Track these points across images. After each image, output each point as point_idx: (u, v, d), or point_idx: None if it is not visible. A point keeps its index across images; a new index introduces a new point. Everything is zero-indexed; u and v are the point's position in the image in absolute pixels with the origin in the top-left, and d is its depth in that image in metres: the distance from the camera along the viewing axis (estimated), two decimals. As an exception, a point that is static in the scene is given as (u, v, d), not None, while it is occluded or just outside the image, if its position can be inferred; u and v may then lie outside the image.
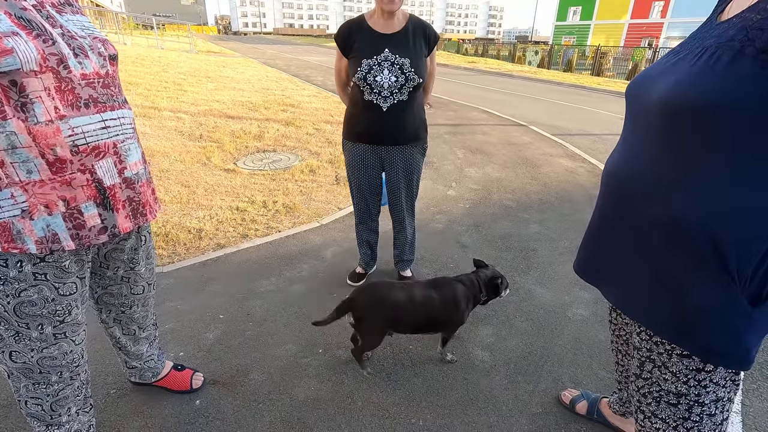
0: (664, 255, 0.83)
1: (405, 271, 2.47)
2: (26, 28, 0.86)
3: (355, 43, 1.86)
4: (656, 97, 0.82)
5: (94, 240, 1.03)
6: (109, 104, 1.02)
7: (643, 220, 0.86)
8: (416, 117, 1.99)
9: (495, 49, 28.36)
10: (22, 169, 0.89)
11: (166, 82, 8.60)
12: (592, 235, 1.07)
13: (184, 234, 2.87)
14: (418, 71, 1.85)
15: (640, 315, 0.93)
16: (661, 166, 0.82)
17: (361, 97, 1.89)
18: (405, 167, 2.08)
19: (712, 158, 0.74)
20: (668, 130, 0.80)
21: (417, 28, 1.89)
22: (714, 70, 0.72)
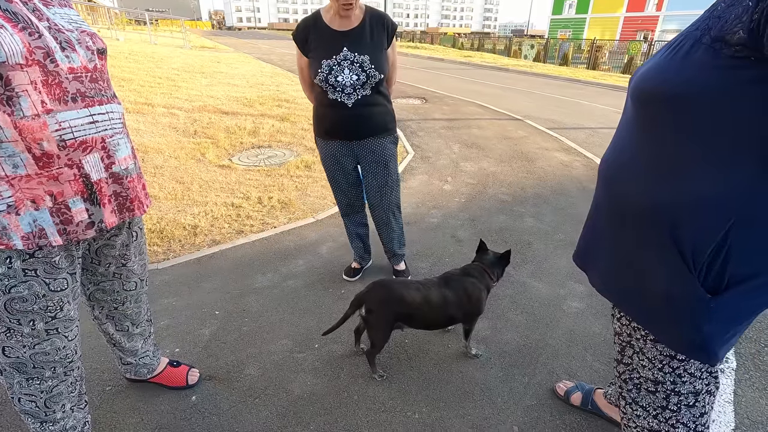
0: (634, 239, 0.85)
1: (399, 264, 2.44)
2: (11, 21, 0.85)
3: (313, 42, 1.82)
4: (632, 83, 0.83)
5: (82, 235, 1.02)
6: (98, 99, 1.00)
7: (622, 206, 0.88)
8: (383, 109, 1.96)
9: (491, 43, 28.28)
10: (8, 163, 0.88)
11: (160, 78, 8.52)
12: (587, 222, 1.08)
13: (179, 230, 2.86)
14: (379, 67, 1.82)
15: (616, 298, 0.94)
16: (635, 152, 0.84)
17: (326, 97, 1.86)
18: (378, 158, 2.04)
19: (673, 144, 0.76)
20: (640, 115, 0.82)
21: (375, 21, 1.84)
22: (675, 58, 0.74)
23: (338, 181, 2.16)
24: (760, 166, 0.68)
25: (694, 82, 0.69)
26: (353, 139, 1.98)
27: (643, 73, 0.80)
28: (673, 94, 0.72)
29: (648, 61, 0.87)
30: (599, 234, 0.98)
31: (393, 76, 2.04)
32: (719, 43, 0.67)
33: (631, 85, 0.83)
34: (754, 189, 0.69)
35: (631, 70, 16.92)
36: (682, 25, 29.31)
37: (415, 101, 8.41)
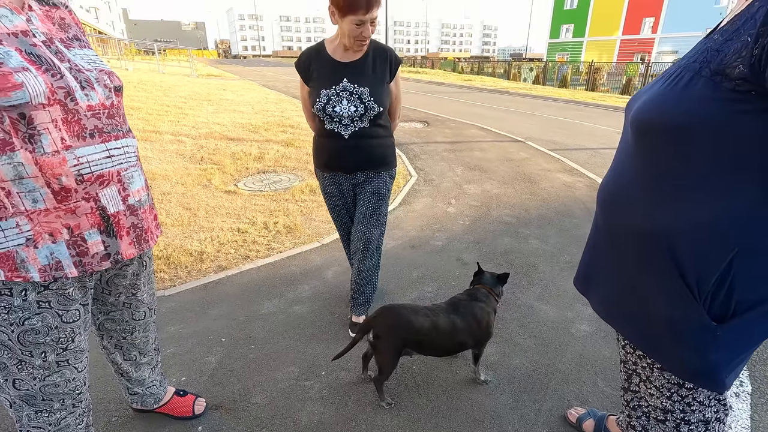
0: (636, 267, 0.85)
1: (359, 316, 2.15)
2: (36, 63, 0.89)
3: (315, 72, 1.81)
4: (632, 113, 0.85)
5: (97, 266, 1.04)
6: (114, 134, 1.04)
7: (622, 231, 0.89)
8: (381, 143, 1.92)
9: (490, 67, 28.84)
10: (28, 198, 0.91)
11: (168, 106, 8.72)
12: (587, 245, 1.09)
13: (185, 257, 2.88)
14: (378, 100, 1.79)
15: (620, 326, 0.94)
16: (634, 177, 0.85)
17: (323, 127, 1.86)
18: (372, 194, 1.98)
19: (673, 173, 0.77)
20: (640, 145, 0.84)
21: (379, 54, 1.83)
22: (674, 90, 0.76)
23: (339, 213, 2.14)
24: (760, 196, 0.69)
25: (694, 114, 0.71)
26: (350, 172, 1.96)
27: (642, 103, 0.82)
28: (673, 125, 0.74)
29: (645, 89, 0.90)
30: (600, 259, 0.99)
31: (397, 110, 2.02)
32: (719, 77, 0.69)
33: (631, 116, 0.85)
34: (755, 218, 0.70)
35: (629, 91, 17.15)
36: (677, 46, 29.89)
37: (417, 125, 8.54)
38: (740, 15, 0.71)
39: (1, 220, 0.90)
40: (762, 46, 0.62)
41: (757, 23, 0.64)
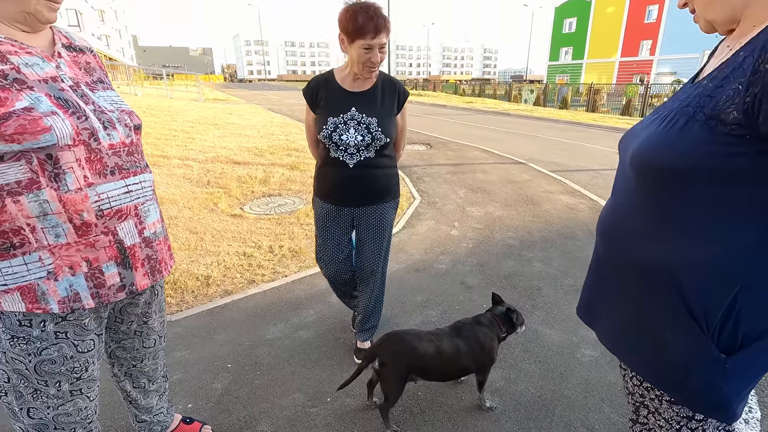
0: (641, 300, 0.87)
1: (364, 342, 2.17)
2: (63, 107, 0.95)
3: (323, 100, 1.82)
4: (630, 152, 0.90)
5: (113, 297, 1.07)
6: (132, 170, 1.10)
7: (624, 265, 0.91)
8: (386, 173, 1.93)
9: (491, 89, 29.32)
10: (51, 233, 0.96)
11: (175, 130, 8.91)
12: (589, 276, 1.11)
13: (192, 281, 2.91)
14: (386, 130, 1.81)
15: (627, 358, 0.95)
16: (637, 215, 0.88)
17: (328, 154, 1.84)
18: (376, 226, 1.97)
19: (672, 211, 0.80)
20: (640, 183, 0.87)
21: (388, 86, 1.86)
22: (671, 132, 0.79)
23: (327, 245, 2.04)
24: (758, 235, 0.72)
25: (691, 156, 0.74)
26: (353, 205, 1.93)
27: (640, 145, 0.85)
28: (671, 166, 0.77)
29: (639, 128, 0.94)
30: (604, 290, 1.01)
31: (402, 141, 2.04)
32: (714, 121, 0.72)
33: (630, 155, 0.88)
34: (754, 256, 0.73)
35: (629, 112, 17.34)
36: (675, 67, 30.31)
37: (420, 147, 8.66)
38: (727, 63, 0.76)
39: (25, 255, 0.94)
40: (753, 95, 0.66)
41: (746, 72, 0.69)
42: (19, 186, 0.91)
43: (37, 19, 0.98)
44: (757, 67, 0.67)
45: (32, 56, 0.97)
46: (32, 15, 0.96)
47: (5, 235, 0.92)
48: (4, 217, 0.91)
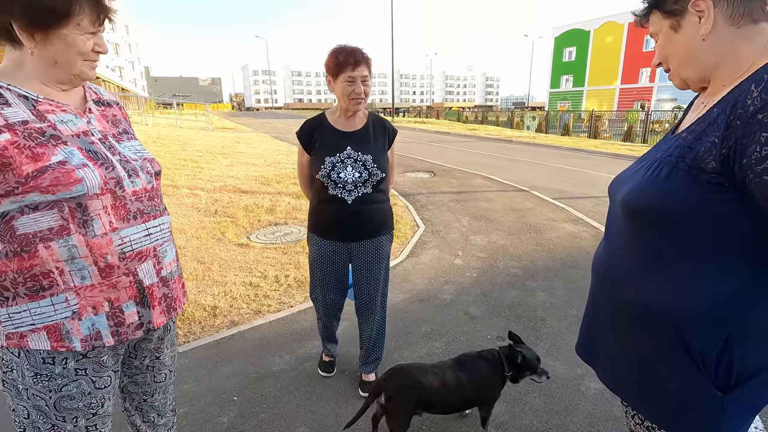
0: (638, 339, 0.91)
1: (369, 374, 2.21)
2: (93, 159, 1.04)
3: (317, 141, 1.90)
4: (619, 198, 0.96)
5: (131, 335, 1.13)
6: (153, 214, 1.17)
7: (620, 305, 0.95)
8: (382, 207, 2.00)
9: (494, 116, 29.81)
10: (78, 275, 1.02)
11: (184, 159, 9.13)
12: (586, 314, 1.15)
13: (199, 312, 2.95)
14: (381, 167, 1.90)
15: (627, 397, 0.98)
16: (630, 256, 0.93)
17: (326, 192, 1.90)
18: (374, 259, 2.03)
19: (662, 254, 0.85)
20: (631, 227, 0.93)
21: (377, 125, 1.97)
22: (656, 180, 0.86)
23: (327, 281, 2.08)
24: (743, 277, 0.77)
25: (676, 201, 0.81)
26: (351, 240, 1.98)
27: (628, 192, 0.92)
28: (658, 211, 0.84)
29: (627, 175, 1.00)
30: (601, 329, 1.05)
31: (392, 176, 2.11)
32: (695, 170, 0.79)
33: (619, 200, 0.95)
34: (743, 298, 0.77)
35: (631, 138, 17.54)
36: (675, 94, 30.74)
37: (423, 175, 8.79)
38: (703, 118, 0.84)
39: (53, 296, 1.01)
40: (728, 147, 0.74)
41: (720, 127, 0.77)
42: (51, 232, 0.98)
43: (80, 78, 1.08)
44: (729, 122, 0.75)
45: (67, 113, 1.06)
46: (77, 75, 1.07)
47: (36, 278, 0.99)
48: (36, 262, 0.98)
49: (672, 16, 0.89)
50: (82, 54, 1.04)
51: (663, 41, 0.93)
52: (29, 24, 0.97)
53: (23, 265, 0.98)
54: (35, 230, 0.97)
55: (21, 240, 0.97)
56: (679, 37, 0.89)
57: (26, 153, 0.94)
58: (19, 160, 0.93)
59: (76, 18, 0.99)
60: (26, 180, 0.93)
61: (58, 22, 0.98)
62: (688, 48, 0.88)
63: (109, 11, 1.07)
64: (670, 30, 0.90)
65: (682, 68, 0.91)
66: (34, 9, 0.96)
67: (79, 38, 1.02)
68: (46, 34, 0.99)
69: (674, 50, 0.91)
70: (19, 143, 0.94)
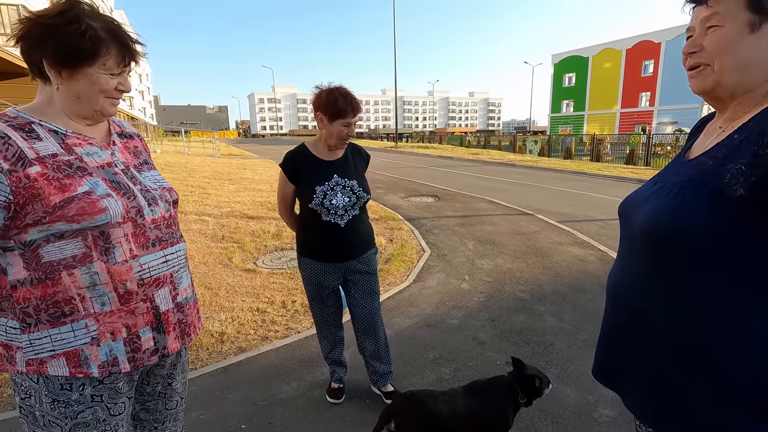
0: (664, 367, 0.91)
1: (386, 386, 2.30)
2: (116, 189, 1.08)
3: (304, 173, 2.01)
4: (637, 222, 0.95)
5: (147, 361, 1.14)
6: (170, 241, 1.21)
7: (644, 332, 0.93)
8: (366, 225, 2.17)
9: (496, 140, 30.15)
10: (98, 302, 1.05)
11: (192, 186, 9.26)
12: (603, 339, 1.13)
13: (207, 338, 2.95)
14: (365, 189, 2.07)
15: (656, 426, 0.97)
16: (651, 281, 0.92)
17: (319, 219, 1.99)
18: (366, 272, 2.15)
19: (692, 279, 0.84)
20: (650, 251, 0.92)
21: (354, 153, 2.14)
22: (681, 204, 0.86)
23: (323, 301, 2.19)
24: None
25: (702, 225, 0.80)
26: (345, 259, 2.09)
27: (650, 214, 0.91)
28: (683, 235, 0.83)
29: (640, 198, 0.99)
30: (622, 358, 1.03)
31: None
32: (721, 196, 0.79)
33: (640, 225, 0.93)
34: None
35: (633, 161, 17.62)
36: (676, 117, 31.04)
37: (428, 199, 8.85)
38: (724, 144, 0.85)
39: (73, 322, 1.03)
40: (758, 175, 0.74)
41: (746, 155, 0.77)
42: (75, 260, 1.02)
43: (102, 113, 1.14)
44: (756, 151, 0.76)
45: (93, 146, 1.12)
46: (99, 111, 1.12)
47: (58, 305, 1.02)
48: (59, 288, 1.01)
49: (757, 13, 0.78)
50: (104, 92, 1.09)
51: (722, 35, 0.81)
52: (58, 62, 1.03)
53: (47, 292, 1.01)
54: (60, 258, 1.00)
55: (46, 267, 1.00)
56: (751, 38, 0.79)
57: (54, 184, 0.99)
58: (47, 191, 0.98)
59: (102, 59, 1.05)
60: (53, 210, 0.98)
61: (85, 62, 1.04)
62: (752, 53, 0.80)
63: (136, 54, 1.13)
64: (743, 25, 0.79)
65: (731, 71, 0.83)
66: (64, 49, 1.01)
67: (103, 77, 1.07)
68: (72, 72, 1.04)
69: (733, 48, 0.81)
70: (48, 175, 0.99)
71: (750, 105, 0.85)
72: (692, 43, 0.87)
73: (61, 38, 1.01)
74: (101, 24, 1.04)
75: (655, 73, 33.39)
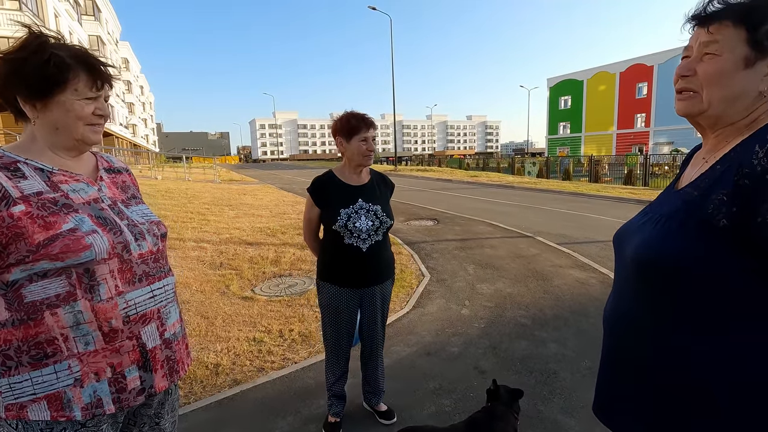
0: (662, 403, 0.88)
1: (380, 405, 2.38)
2: (102, 226, 1.07)
3: (330, 196, 2.06)
4: (629, 251, 0.95)
5: (133, 402, 1.10)
6: (158, 276, 1.19)
7: (641, 365, 0.91)
8: (389, 254, 2.19)
9: (495, 162, 30.41)
10: (81, 342, 1.02)
11: (191, 212, 9.28)
12: (602, 372, 1.10)
13: (201, 370, 2.88)
14: (389, 215, 2.10)
15: None
16: (645, 310, 0.91)
17: (342, 242, 2.01)
18: (381, 302, 2.19)
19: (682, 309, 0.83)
20: (643, 281, 0.92)
21: (380, 180, 2.20)
22: (666, 235, 0.86)
23: (339, 329, 2.16)
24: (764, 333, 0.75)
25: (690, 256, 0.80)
26: (365, 286, 2.10)
27: (639, 246, 0.91)
28: (672, 266, 0.83)
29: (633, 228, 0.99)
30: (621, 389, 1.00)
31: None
32: (706, 225, 0.80)
33: (631, 255, 0.93)
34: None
35: (632, 181, 17.71)
36: (672, 137, 31.38)
37: (427, 222, 8.84)
38: (707, 174, 0.85)
39: (56, 363, 1.00)
40: (738, 205, 0.75)
41: (728, 186, 0.78)
42: (58, 299, 0.99)
43: (84, 142, 1.13)
44: (736, 181, 0.76)
45: (79, 182, 1.11)
46: (81, 140, 1.11)
47: (40, 346, 0.99)
48: (42, 329, 0.98)
49: (755, 50, 0.79)
50: (81, 118, 1.07)
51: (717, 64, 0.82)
52: (29, 95, 1.03)
53: (29, 333, 0.98)
54: (43, 297, 0.98)
55: (28, 308, 0.98)
56: (744, 74, 0.80)
57: (39, 222, 0.98)
58: (31, 230, 0.96)
59: (72, 84, 1.04)
60: (37, 248, 0.96)
61: (54, 90, 1.03)
62: (743, 88, 0.81)
63: (108, 77, 1.12)
64: (740, 59, 0.80)
65: (719, 103, 0.84)
66: (32, 79, 1.01)
67: (77, 104, 1.06)
68: (45, 102, 1.04)
69: (726, 80, 0.81)
70: (33, 213, 0.98)
71: (732, 136, 0.86)
72: (687, 66, 0.88)
73: (28, 70, 1.00)
74: (67, 51, 1.04)
75: (649, 95, 33.99)
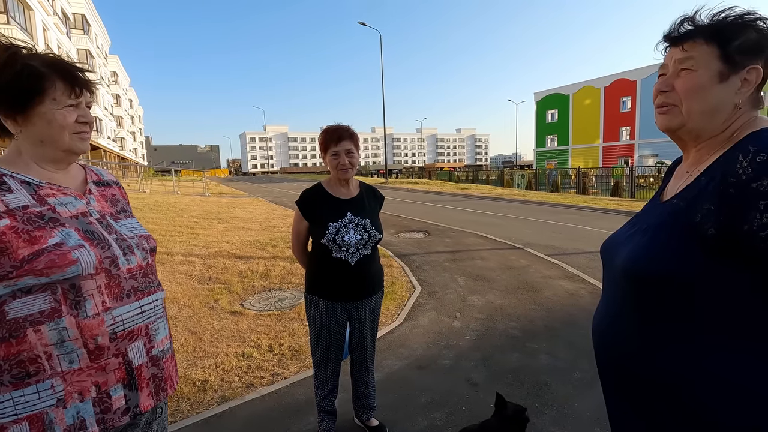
0: (652, 413, 0.88)
1: (371, 420, 2.35)
2: (89, 240, 1.05)
3: (318, 209, 2.03)
4: (618, 261, 0.96)
5: (117, 422, 1.07)
6: (146, 291, 1.17)
7: (633, 380, 0.90)
8: (378, 266, 2.17)
9: (484, 175, 30.73)
10: (66, 359, 0.99)
11: (180, 226, 9.17)
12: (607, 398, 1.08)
13: (188, 387, 2.82)
14: (378, 228, 2.08)
15: None
16: (634, 325, 0.91)
17: (330, 256, 1.99)
18: (371, 316, 2.17)
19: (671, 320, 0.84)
20: (632, 293, 0.92)
21: (369, 192, 2.19)
22: (655, 245, 0.87)
23: (328, 344, 2.12)
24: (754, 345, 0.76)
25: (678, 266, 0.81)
26: (353, 300, 2.08)
27: (627, 257, 0.92)
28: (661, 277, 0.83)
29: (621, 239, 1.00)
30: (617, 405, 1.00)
31: None
32: (694, 234, 0.81)
33: (620, 266, 0.93)
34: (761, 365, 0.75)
35: (618, 192, 18.00)
36: (656, 150, 32.06)
37: (418, 235, 8.86)
38: (692, 186, 0.87)
39: (39, 383, 0.97)
40: (725, 214, 0.76)
41: (714, 197, 0.79)
42: (42, 315, 0.97)
43: (73, 152, 1.11)
44: (722, 191, 0.78)
45: (67, 196, 1.10)
46: (69, 150, 1.10)
47: (22, 365, 0.96)
48: (24, 347, 0.96)
49: (728, 65, 0.82)
50: (65, 128, 1.06)
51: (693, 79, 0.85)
52: (8, 109, 1.02)
53: (10, 351, 0.96)
54: (26, 314, 0.96)
55: (10, 325, 0.95)
56: (720, 87, 0.83)
57: (24, 237, 0.96)
58: (16, 245, 0.94)
59: (50, 93, 1.03)
60: (21, 264, 0.94)
61: (32, 101, 1.01)
62: (720, 101, 0.84)
63: (86, 82, 1.10)
64: (714, 74, 0.83)
65: (697, 116, 0.87)
66: (7, 93, 1.00)
67: (59, 113, 1.04)
68: (26, 116, 1.03)
69: (703, 94, 0.85)
70: (18, 228, 0.96)
71: (714, 149, 0.88)
72: (664, 83, 0.92)
73: (1, 83, 0.99)
74: (40, 61, 1.03)
75: (633, 109, 34.80)
